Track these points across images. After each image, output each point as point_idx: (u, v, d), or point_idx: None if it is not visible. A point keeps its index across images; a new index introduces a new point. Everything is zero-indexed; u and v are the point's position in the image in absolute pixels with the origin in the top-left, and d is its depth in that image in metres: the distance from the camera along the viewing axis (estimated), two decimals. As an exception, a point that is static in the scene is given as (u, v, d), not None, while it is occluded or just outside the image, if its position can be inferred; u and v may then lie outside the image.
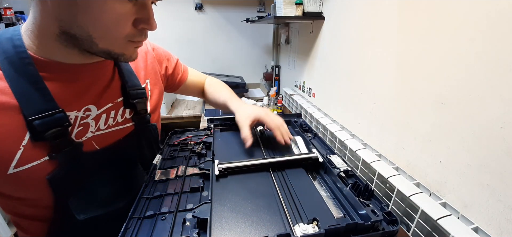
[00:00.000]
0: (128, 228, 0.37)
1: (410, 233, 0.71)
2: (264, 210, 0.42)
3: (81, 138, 0.41)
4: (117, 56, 0.40)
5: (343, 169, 0.51)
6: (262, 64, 2.52)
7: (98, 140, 0.44)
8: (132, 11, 0.37)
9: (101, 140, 0.44)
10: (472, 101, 0.62)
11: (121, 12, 0.35)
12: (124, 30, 0.37)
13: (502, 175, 0.56)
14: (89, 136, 0.42)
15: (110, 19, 0.35)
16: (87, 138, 0.42)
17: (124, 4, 0.35)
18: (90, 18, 0.34)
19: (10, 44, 0.36)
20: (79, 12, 0.33)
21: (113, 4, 0.34)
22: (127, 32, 0.38)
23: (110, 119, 0.46)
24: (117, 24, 0.36)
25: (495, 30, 0.55)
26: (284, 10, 1.39)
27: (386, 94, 0.91)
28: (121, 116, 0.48)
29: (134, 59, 0.44)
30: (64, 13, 0.34)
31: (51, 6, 0.34)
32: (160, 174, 0.51)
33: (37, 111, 0.35)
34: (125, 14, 0.36)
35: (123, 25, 0.37)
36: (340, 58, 1.23)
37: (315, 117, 1.37)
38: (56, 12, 0.34)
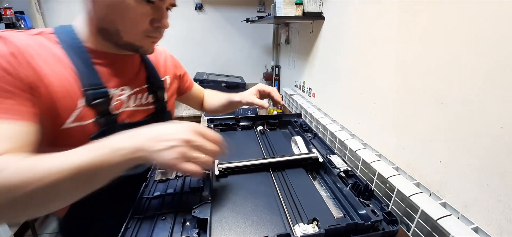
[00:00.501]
0: (128, 228, 0.37)
1: (410, 233, 0.71)
2: (264, 210, 0.42)
3: (117, 110, 0.52)
4: (137, 48, 0.51)
5: (343, 169, 0.51)
6: (262, 64, 2.52)
7: (128, 115, 0.55)
8: (150, 12, 0.47)
9: (130, 115, 0.55)
10: (472, 101, 0.62)
11: (141, 12, 0.46)
12: (142, 26, 0.48)
13: (502, 175, 0.56)
14: (122, 110, 0.54)
15: (132, 17, 0.46)
16: (120, 112, 0.53)
17: (144, 6, 0.46)
18: (118, 16, 0.46)
19: (69, 36, 0.49)
20: (110, 12, 0.45)
21: (135, 5, 0.45)
22: (145, 28, 0.48)
23: (137, 100, 0.57)
24: (137, 21, 0.47)
25: (495, 30, 0.55)
26: (284, 10, 1.39)
27: (386, 94, 0.91)
28: (145, 99, 0.59)
29: (151, 52, 0.55)
30: (101, 13, 0.46)
31: (93, 8, 0.47)
32: (160, 174, 0.51)
33: (90, 85, 0.47)
34: (144, 14, 0.46)
35: (142, 23, 0.47)
36: (340, 58, 1.23)
37: (315, 117, 1.37)
38: (96, 13, 0.47)
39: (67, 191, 0.35)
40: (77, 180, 0.34)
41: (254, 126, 0.76)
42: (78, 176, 0.34)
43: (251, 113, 1.85)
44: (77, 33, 0.50)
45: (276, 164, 0.54)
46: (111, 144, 0.37)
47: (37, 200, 0.33)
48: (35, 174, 0.32)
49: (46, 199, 0.34)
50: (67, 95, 0.45)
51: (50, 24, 2.05)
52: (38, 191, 0.32)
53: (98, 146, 0.37)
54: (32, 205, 0.34)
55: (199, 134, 0.40)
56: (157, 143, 0.37)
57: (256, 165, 0.51)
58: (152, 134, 0.39)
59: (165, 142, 0.37)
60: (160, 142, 0.37)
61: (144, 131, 0.39)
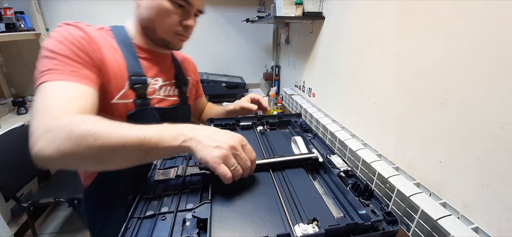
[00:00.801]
0: (128, 228, 0.37)
1: (410, 233, 0.71)
2: (264, 210, 0.42)
3: (150, 96, 0.64)
4: (168, 43, 0.64)
5: (343, 169, 0.51)
6: (262, 64, 2.52)
7: (157, 101, 0.66)
8: (180, 14, 0.60)
9: (159, 101, 0.66)
10: (472, 101, 0.62)
11: (173, 13, 0.59)
12: (173, 25, 0.60)
13: (502, 175, 0.56)
14: (154, 96, 0.65)
15: (166, 17, 0.59)
16: (153, 98, 0.64)
17: (176, 9, 0.59)
18: (156, 16, 0.59)
19: (121, 34, 0.63)
20: (151, 12, 0.59)
21: (169, 8, 0.58)
22: (175, 27, 0.61)
23: (166, 91, 0.69)
24: (169, 20, 0.59)
25: (495, 30, 0.55)
26: (284, 10, 1.39)
27: (386, 94, 0.91)
28: (172, 91, 0.71)
29: (179, 49, 0.68)
30: (144, 13, 0.60)
31: (139, 11, 0.61)
32: (160, 174, 0.51)
33: (134, 72, 0.60)
34: (175, 14, 0.59)
35: (173, 22, 0.60)
36: (340, 58, 1.23)
37: (315, 117, 1.37)
38: (141, 14, 0.61)
39: (127, 154, 0.42)
40: (138, 149, 0.41)
41: (254, 126, 0.76)
42: (140, 146, 0.41)
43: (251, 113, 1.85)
44: (127, 32, 0.64)
45: (276, 164, 0.54)
46: (174, 128, 0.44)
47: (101, 153, 0.40)
48: (105, 132, 0.40)
49: (109, 155, 0.41)
50: (119, 77, 0.57)
51: (50, 24, 2.05)
52: (104, 146, 0.39)
53: (163, 126, 0.44)
54: (96, 157, 0.41)
55: (243, 147, 0.46)
56: (209, 141, 0.43)
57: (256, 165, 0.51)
58: (208, 132, 0.45)
59: (215, 142, 0.43)
60: (211, 141, 0.43)
61: (202, 127, 0.46)
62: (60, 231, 1.76)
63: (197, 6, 0.62)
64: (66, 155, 0.39)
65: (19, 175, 1.44)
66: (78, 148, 0.39)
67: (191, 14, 0.62)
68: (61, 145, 0.39)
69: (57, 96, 0.45)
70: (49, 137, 0.39)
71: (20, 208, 1.48)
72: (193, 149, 0.43)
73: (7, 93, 2.09)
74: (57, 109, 0.43)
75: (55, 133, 0.40)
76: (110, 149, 0.40)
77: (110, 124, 0.42)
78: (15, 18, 1.72)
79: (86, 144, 0.39)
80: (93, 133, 0.40)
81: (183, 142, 0.43)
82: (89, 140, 0.39)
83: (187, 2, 0.59)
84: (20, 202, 1.40)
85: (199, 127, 0.46)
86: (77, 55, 0.50)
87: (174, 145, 0.43)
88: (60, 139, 0.39)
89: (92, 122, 0.41)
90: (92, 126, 0.40)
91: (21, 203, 1.39)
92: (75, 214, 1.83)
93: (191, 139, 0.43)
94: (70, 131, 0.39)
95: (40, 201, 1.43)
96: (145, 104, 0.62)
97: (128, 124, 0.42)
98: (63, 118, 0.41)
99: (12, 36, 1.69)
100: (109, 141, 0.40)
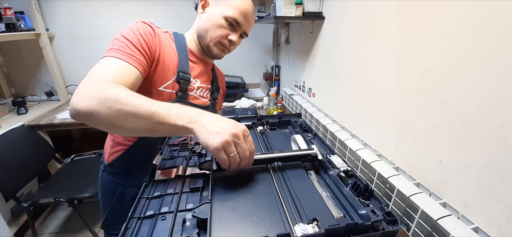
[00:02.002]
0: (128, 228, 0.37)
1: (410, 233, 0.71)
2: (264, 210, 0.42)
3: (189, 92, 0.77)
4: (212, 50, 0.76)
5: (343, 169, 0.51)
6: (262, 64, 2.52)
7: (192, 98, 0.79)
8: (229, 29, 0.74)
9: (193, 98, 0.79)
10: (472, 101, 0.61)
11: (224, 27, 0.73)
12: (221, 36, 0.73)
13: (502, 175, 0.56)
14: (192, 94, 0.78)
15: (217, 29, 0.73)
16: (190, 94, 0.78)
17: (227, 25, 0.73)
18: (210, 26, 0.73)
19: (179, 39, 0.77)
20: (208, 23, 0.74)
21: (222, 23, 0.72)
22: (222, 38, 0.74)
23: (201, 92, 0.82)
24: (219, 32, 0.73)
25: (495, 30, 0.55)
26: (284, 10, 1.39)
27: (386, 94, 0.91)
28: (206, 94, 0.84)
29: (220, 58, 0.81)
30: (202, 24, 0.75)
31: (199, 20, 0.77)
32: (160, 174, 0.51)
33: (182, 69, 0.74)
34: (225, 29, 0.73)
35: (222, 34, 0.73)
36: (340, 58, 1.23)
37: (315, 117, 1.37)
38: (200, 24, 0.76)
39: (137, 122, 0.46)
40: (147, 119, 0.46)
41: (254, 126, 0.76)
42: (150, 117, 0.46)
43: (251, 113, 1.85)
44: (185, 38, 0.79)
45: (274, 159, 0.54)
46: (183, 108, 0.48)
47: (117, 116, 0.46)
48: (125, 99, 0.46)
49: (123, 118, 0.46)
50: (168, 70, 0.71)
51: (50, 24, 2.05)
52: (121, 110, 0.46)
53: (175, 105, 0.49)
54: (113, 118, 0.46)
55: (245, 137, 0.47)
56: (212, 126, 0.46)
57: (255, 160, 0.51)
58: (213, 118, 0.48)
59: (218, 128, 0.45)
60: (215, 126, 0.45)
61: (208, 113, 0.49)
62: (60, 231, 1.76)
63: (244, 29, 0.75)
64: (91, 111, 0.46)
65: (19, 175, 1.44)
66: (100, 107, 0.46)
67: (237, 32, 0.75)
68: (90, 102, 0.46)
69: (108, 68, 0.55)
70: (85, 93, 0.47)
71: (20, 208, 1.48)
72: (196, 132, 0.46)
73: (7, 93, 2.09)
74: (102, 75, 0.53)
75: (91, 90, 0.47)
76: (125, 113, 0.46)
77: (132, 93, 0.48)
78: (15, 18, 1.72)
79: (107, 105, 0.46)
80: (116, 97, 0.46)
81: (188, 123, 0.46)
82: (111, 102, 0.46)
83: (237, 23, 0.73)
84: (20, 202, 1.39)
85: (206, 112, 0.49)
86: (140, 44, 0.63)
87: (179, 124, 0.46)
88: (92, 95, 0.46)
89: (120, 89, 0.48)
90: (117, 92, 0.47)
91: (21, 203, 1.39)
92: (75, 214, 1.83)
93: (196, 122, 0.46)
94: (101, 92, 0.47)
95: (40, 201, 1.43)
96: (184, 97, 0.75)
97: (147, 98, 0.48)
98: (102, 82, 0.50)
99: (12, 36, 1.69)
100: (126, 106, 0.46)
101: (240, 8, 0.71)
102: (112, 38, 0.63)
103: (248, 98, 2.12)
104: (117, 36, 0.63)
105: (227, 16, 0.71)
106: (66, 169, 1.73)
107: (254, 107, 1.99)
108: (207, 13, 0.75)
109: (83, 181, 1.54)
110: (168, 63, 0.71)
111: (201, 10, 0.76)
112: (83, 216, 1.52)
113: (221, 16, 0.71)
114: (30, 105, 1.97)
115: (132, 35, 0.63)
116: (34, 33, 1.86)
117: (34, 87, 2.18)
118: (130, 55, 0.60)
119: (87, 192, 1.45)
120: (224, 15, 0.71)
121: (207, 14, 0.74)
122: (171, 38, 0.76)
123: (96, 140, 2.28)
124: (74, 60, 2.17)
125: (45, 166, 1.69)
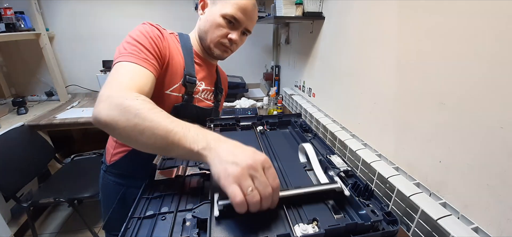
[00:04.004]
0: (128, 228, 0.37)
1: (410, 233, 0.71)
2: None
3: (194, 95, 0.76)
4: (213, 51, 0.74)
5: (343, 169, 0.51)
6: (262, 64, 2.52)
7: (197, 101, 0.78)
8: (229, 28, 0.71)
9: (199, 101, 0.79)
10: (472, 101, 0.61)
11: (223, 26, 0.70)
12: (221, 36, 0.71)
13: (502, 175, 0.56)
14: (197, 96, 0.78)
15: (216, 29, 0.70)
16: (195, 97, 0.77)
17: (226, 23, 0.70)
18: (210, 27, 0.71)
19: (185, 40, 0.76)
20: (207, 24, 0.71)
21: (221, 22, 0.69)
22: (221, 38, 0.71)
23: (206, 94, 0.82)
24: (218, 32, 0.71)
25: (495, 29, 0.55)
26: (284, 10, 1.39)
27: (386, 94, 0.91)
28: (210, 96, 0.84)
29: (222, 58, 0.78)
30: (202, 25, 0.73)
31: (199, 22, 0.75)
32: (160, 174, 0.51)
33: (189, 72, 0.73)
34: (225, 28, 0.70)
35: (221, 33, 0.71)
36: (340, 58, 1.23)
37: (315, 117, 1.37)
38: (200, 25, 0.75)
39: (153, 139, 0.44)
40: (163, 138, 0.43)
41: (254, 126, 0.75)
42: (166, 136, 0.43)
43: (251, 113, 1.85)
44: (190, 40, 0.78)
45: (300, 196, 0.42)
46: (200, 132, 0.44)
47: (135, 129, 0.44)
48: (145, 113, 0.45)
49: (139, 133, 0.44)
50: (176, 73, 0.71)
51: (50, 24, 2.05)
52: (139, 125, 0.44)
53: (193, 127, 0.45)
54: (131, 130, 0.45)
55: (265, 169, 0.39)
56: (227, 155, 0.39)
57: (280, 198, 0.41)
58: (230, 145, 0.41)
59: (233, 157, 0.38)
60: (230, 155, 0.39)
61: (228, 140, 0.43)
62: (60, 231, 1.76)
63: (245, 25, 0.71)
64: (111, 121, 0.45)
65: (19, 175, 1.44)
66: (120, 118, 0.45)
67: (237, 30, 0.71)
68: (111, 111, 0.46)
69: (126, 74, 0.55)
70: (108, 101, 0.47)
71: (20, 208, 1.48)
72: (209, 161, 0.40)
73: (7, 93, 2.09)
74: (123, 83, 0.53)
75: (113, 99, 0.47)
76: (142, 128, 0.44)
77: (153, 108, 0.47)
78: (15, 18, 1.72)
79: (127, 116, 0.45)
80: (136, 109, 0.45)
81: (203, 149, 0.41)
82: (131, 114, 0.45)
83: (236, 20, 0.69)
84: (20, 202, 1.39)
85: (226, 139, 0.43)
86: (152, 47, 0.62)
87: (193, 149, 0.42)
88: (114, 105, 0.46)
89: (141, 101, 0.47)
90: (138, 104, 0.46)
91: (21, 203, 1.39)
92: (75, 214, 1.83)
93: (211, 150, 0.41)
94: (123, 101, 0.46)
95: (40, 201, 1.43)
96: (190, 100, 0.74)
97: (167, 114, 0.46)
98: (123, 91, 0.50)
99: (12, 36, 1.69)
100: (144, 121, 0.44)
101: (238, 4, 0.68)
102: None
103: (248, 98, 2.12)
104: (127, 39, 0.61)
105: (224, 14, 0.68)
106: (66, 169, 1.73)
107: (254, 107, 1.99)
108: (206, 13, 0.73)
109: (83, 181, 1.54)
110: (175, 66, 0.70)
111: (200, 11, 0.74)
112: (83, 216, 1.52)
113: (218, 14, 0.69)
114: (30, 105, 1.97)
115: (144, 38, 0.62)
116: (34, 33, 1.86)
117: (34, 87, 2.19)
118: (145, 59, 0.59)
119: (87, 192, 1.45)
120: (222, 13, 0.68)
121: (206, 14, 0.72)
122: (177, 39, 0.75)
123: (96, 140, 2.28)
124: (74, 60, 2.17)
125: (45, 166, 1.69)
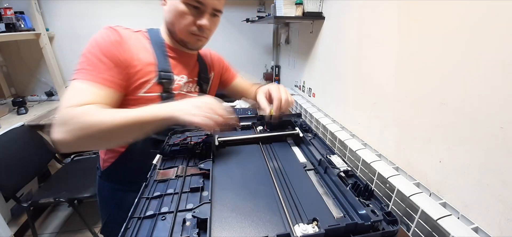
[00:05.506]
0: (128, 228, 0.37)
1: (410, 233, 0.71)
2: (264, 210, 0.42)
3: (175, 91, 0.69)
4: (186, 43, 0.68)
5: (343, 169, 0.51)
6: (262, 64, 2.52)
7: (181, 96, 0.70)
8: (195, 14, 0.63)
9: (182, 96, 0.70)
10: (472, 101, 0.62)
11: (187, 14, 0.63)
12: (188, 26, 0.64)
13: (502, 175, 0.56)
14: (178, 92, 0.70)
15: (181, 19, 0.63)
16: (176, 93, 0.70)
17: (190, 10, 0.62)
18: (175, 18, 0.64)
19: (155, 35, 0.70)
20: (171, 16, 0.64)
21: (184, 10, 0.62)
22: (189, 27, 0.64)
23: (188, 87, 0.75)
24: (184, 21, 0.63)
25: (495, 30, 0.55)
26: (284, 10, 1.39)
27: (386, 94, 0.91)
28: (194, 88, 0.77)
29: (198, 48, 0.74)
30: (167, 17, 0.66)
31: (164, 14, 0.67)
32: (160, 174, 0.51)
33: (162, 68, 0.66)
34: (190, 15, 0.63)
35: (188, 23, 0.64)
36: (340, 58, 1.23)
37: (315, 117, 1.37)
38: (165, 18, 0.67)
39: (124, 133, 0.52)
40: (131, 127, 0.52)
41: (254, 126, 0.75)
42: (132, 125, 0.51)
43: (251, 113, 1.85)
44: (161, 33, 0.71)
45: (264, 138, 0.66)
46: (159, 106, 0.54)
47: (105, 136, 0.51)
48: (105, 119, 0.50)
49: (111, 136, 0.51)
50: (147, 72, 0.64)
51: (50, 24, 2.05)
52: (106, 130, 0.50)
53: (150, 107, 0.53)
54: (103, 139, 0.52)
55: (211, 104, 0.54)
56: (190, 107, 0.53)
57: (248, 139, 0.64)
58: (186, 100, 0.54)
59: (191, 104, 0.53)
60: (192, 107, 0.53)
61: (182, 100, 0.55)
62: (60, 231, 1.76)
63: (212, 6, 0.63)
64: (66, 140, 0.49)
65: (19, 175, 1.44)
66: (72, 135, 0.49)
67: (205, 14, 0.64)
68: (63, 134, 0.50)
69: (77, 93, 0.55)
70: (58, 122, 0.50)
71: (20, 208, 1.48)
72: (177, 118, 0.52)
73: (7, 93, 2.09)
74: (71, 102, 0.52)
75: (62, 120, 0.50)
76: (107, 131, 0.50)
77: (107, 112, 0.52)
78: (15, 18, 1.72)
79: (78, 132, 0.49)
80: (99, 120, 0.49)
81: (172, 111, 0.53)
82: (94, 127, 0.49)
83: (200, 3, 0.61)
84: (20, 202, 1.40)
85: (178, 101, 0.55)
86: (104, 58, 0.58)
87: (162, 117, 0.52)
88: (63, 125, 0.50)
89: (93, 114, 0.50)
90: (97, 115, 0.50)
91: (21, 203, 1.39)
92: (75, 214, 1.83)
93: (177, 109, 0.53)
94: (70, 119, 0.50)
95: (40, 201, 1.43)
96: (169, 98, 0.67)
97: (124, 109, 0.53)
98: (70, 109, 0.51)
99: (12, 36, 1.69)
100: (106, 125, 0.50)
101: None
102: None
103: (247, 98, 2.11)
104: (84, 52, 0.59)
105: None
106: (66, 169, 1.73)
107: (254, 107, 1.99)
108: (168, 3, 0.64)
109: (83, 181, 1.54)
110: (143, 66, 0.63)
111: (162, 1, 0.66)
112: (83, 216, 1.52)
113: (180, 1, 0.61)
114: (30, 105, 1.98)
115: (93, 51, 0.58)
116: (34, 33, 1.86)
117: (34, 87, 2.19)
118: (98, 74, 0.56)
119: (87, 192, 1.45)
120: None
121: (168, 4, 0.64)
122: (146, 36, 0.68)
123: (96, 140, 2.28)
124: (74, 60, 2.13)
125: (45, 166, 1.69)
